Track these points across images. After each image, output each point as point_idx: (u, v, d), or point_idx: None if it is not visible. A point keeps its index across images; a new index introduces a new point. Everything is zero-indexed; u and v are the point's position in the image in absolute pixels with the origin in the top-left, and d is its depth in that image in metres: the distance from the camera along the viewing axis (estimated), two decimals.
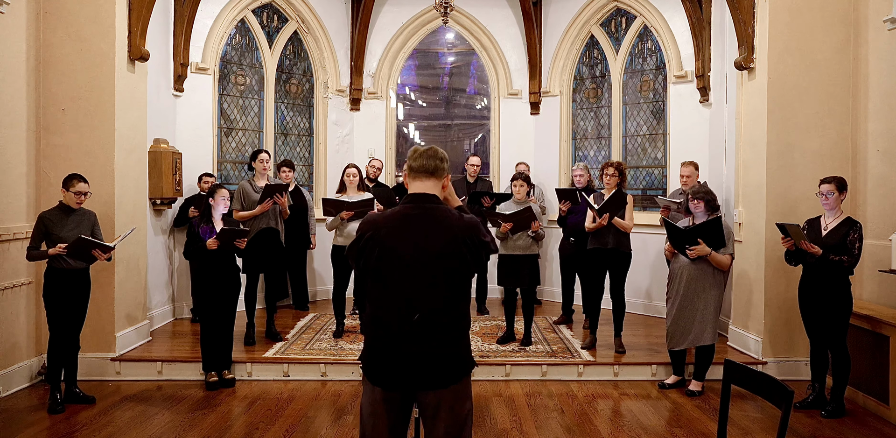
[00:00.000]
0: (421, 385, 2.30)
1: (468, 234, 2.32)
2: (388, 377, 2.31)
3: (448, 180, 2.48)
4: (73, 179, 4.35)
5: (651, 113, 7.44)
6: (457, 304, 2.35)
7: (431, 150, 2.44)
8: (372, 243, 2.32)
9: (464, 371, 2.37)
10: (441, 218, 2.33)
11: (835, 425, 4.18)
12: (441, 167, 2.41)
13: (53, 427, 4.05)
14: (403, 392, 2.33)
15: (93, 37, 5.01)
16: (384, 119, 8.48)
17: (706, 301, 4.65)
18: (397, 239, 2.30)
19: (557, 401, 4.63)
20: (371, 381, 2.36)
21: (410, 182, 2.43)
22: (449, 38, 8.64)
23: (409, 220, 2.33)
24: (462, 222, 2.34)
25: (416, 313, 2.27)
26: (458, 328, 2.36)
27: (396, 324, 2.29)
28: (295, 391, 4.84)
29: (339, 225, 5.70)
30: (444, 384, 2.31)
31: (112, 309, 5.10)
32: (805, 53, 5.08)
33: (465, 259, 2.31)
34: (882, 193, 4.80)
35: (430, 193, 2.39)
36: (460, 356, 2.36)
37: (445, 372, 2.31)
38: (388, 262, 2.30)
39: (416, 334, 2.28)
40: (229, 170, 7.41)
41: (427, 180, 2.41)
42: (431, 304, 2.29)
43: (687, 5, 6.58)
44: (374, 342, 2.36)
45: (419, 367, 2.29)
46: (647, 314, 7.00)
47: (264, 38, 7.62)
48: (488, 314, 7.00)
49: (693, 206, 4.74)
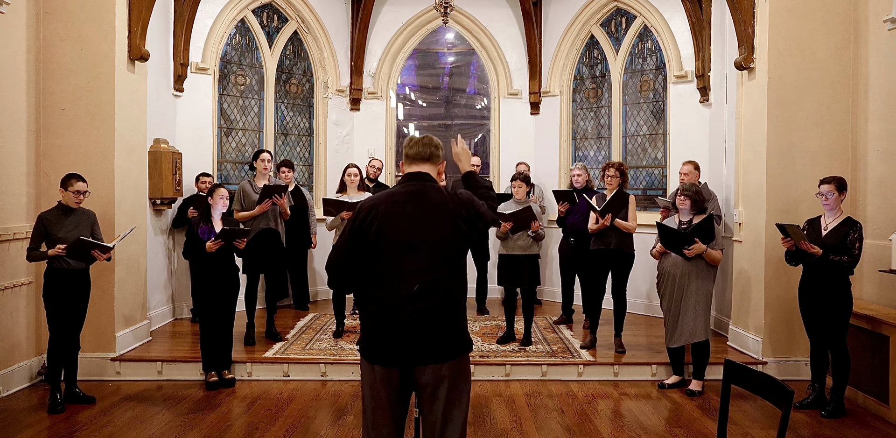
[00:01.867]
0: (419, 359, 2.31)
1: (463, 207, 2.39)
2: (387, 353, 2.32)
3: (444, 166, 2.56)
4: (72, 178, 4.35)
5: (651, 113, 7.43)
6: (454, 277, 2.39)
7: (427, 138, 2.53)
8: (370, 221, 2.37)
9: (462, 347, 2.39)
10: (435, 194, 2.40)
11: (835, 425, 4.18)
12: (436, 154, 2.49)
13: (53, 428, 4.05)
14: (402, 367, 2.33)
15: (93, 37, 5.01)
16: (384, 119, 8.49)
17: (698, 298, 4.67)
18: (394, 215, 2.36)
19: (557, 401, 4.63)
20: (369, 360, 2.36)
21: (407, 168, 2.50)
22: (449, 38, 8.64)
23: (405, 197, 2.40)
24: (456, 197, 2.42)
25: (414, 285, 2.31)
26: (455, 302, 2.39)
27: (394, 299, 2.32)
28: (295, 391, 4.83)
29: (339, 225, 5.69)
30: (442, 358, 2.32)
31: (112, 309, 5.10)
32: (805, 53, 5.08)
33: (460, 232, 2.37)
34: (882, 193, 4.80)
35: (425, 172, 2.47)
36: (458, 330, 2.39)
37: (444, 346, 2.33)
38: (385, 238, 2.35)
39: (414, 307, 2.30)
40: (229, 170, 7.41)
41: (423, 164, 2.48)
42: (429, 277, 2.32)
43: (687, 5, 6.58)
44: (372, 320, 2.38)
45: (417, 341, 2.30)
46: (647, 314, 7.01)
47: (264, 38, 7.62)
48: (488, 313, 6.99)
49: (679, 202, 4.76)
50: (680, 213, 4.81)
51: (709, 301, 4.74)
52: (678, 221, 4.82)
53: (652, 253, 4.94)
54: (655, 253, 4.89)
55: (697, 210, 4.77)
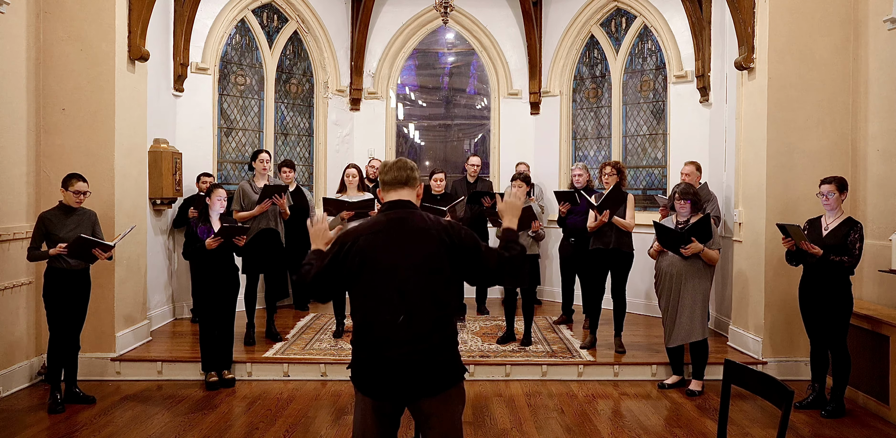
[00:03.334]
0: (411, 396, 2.26)
1: (445, 232, 2.31)
2: (377, 387, 2.27)
3: (421, 188, 2.50)
4: (72, 178, 4.35)
5: (651, 113, 7.43)
6: (440, 303, 2.29)
7: (400, 161, 2.47)
8: (353, 252, 2.30)
9: (455, 377, 2.32)
10: (418, 221, 2.34)
11: (835, 425, 4.18)
12: (413, 176, 2.44)
13: (53, 428, 4.05)
14: (393, 401, 2.29)
15: (93, 37, 5.01)
16: (384, 119, 8.48)
17: (694, 297, 4.67)
18: (377, 245, 2.29)
19: (557, 401, 4.63)
20: (360, 390, 2.32)
21: (385, 195, 2.45)
22: (449, 38, 8.64)
23: (388, 225, 2.33)
24: (438, 223, 2.34)
25: (399, 316, 2.24)
26: (444, 332, 2.30)
27: (382, 328, 2.26)
28: (295, 391, 4.83)
29: (339, 225, 5.69)
30: (432, 392, 2.26)
31: (112, 309, 5.10)
32: (805, 53, 5.08)
33: (444, 261, 2.29)
34: (882, 193, 4.80)
35: (405, 199, 2.41)
36: (448, 361, 2.30)
37: (435, 380, 2.26)
38: (369, 268, 2.28)
39: (401, 339, 2.24)
40: (229, 170, 7.41)
41: (401, 189, 2.43)
42: (414, 305, 2.25)
43: (687, 5, 6.58)
44: (361, 351, 2.31)
45: (406, 376, 2.23)
46: (647, 314, 7.00)
47: (264, 38, 7.62)
48: (488, 314, 6.99)
49: (679, 206, 4.76)
50: (678, 215, 4.82)
51: (706, 301, 4.74)
52: (676, 220, 4.82)
53: (649, 252, 4.94)
54: (653, 252, 4.90)
55: (696, 211, 4.78)
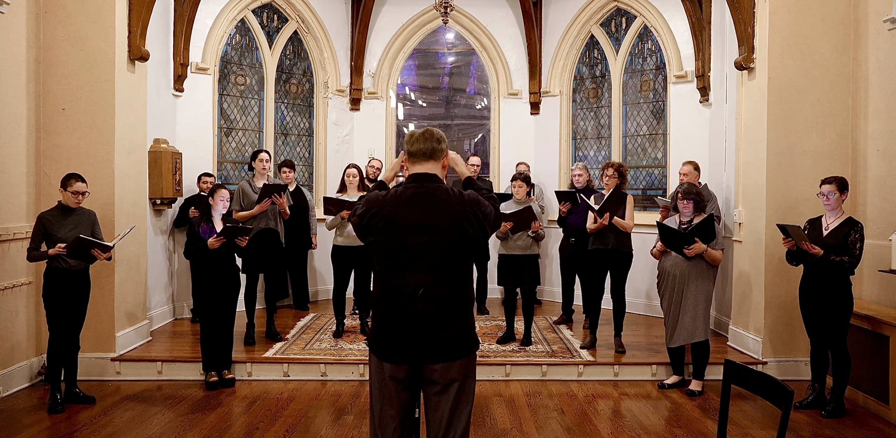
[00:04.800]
0: (429, 358, 2.34)
1: (469, 208, 2.38)
2: (397, 351, 2.35)
3: (448, 160, 2.53)
4: (71, 178, 4.35)
5: (651, 113, 7.43)
6: (459, 278, 2.40)
7: (428, 132, 2.49)
8: (376, 219, 2.38)
9: (470, 346, 2.41)
10: (442, 196, 2.39)
11: (835, 425, 4.18)
12: (439, 149, 2.47)
13: (53, 427, 4.05)
14: (411, 365, 2.36)
15: (93, 37, 5.01)
16: (384, 119, 8.49)
17: (697, 297, 4.67)
18: (400, 217, 2.36)
19: (557, 401, 4.63)
20: (379, 357, 2.40)
21: (410, 166, 2.49)
22: (449, 38, 8.64)
23: (412, 198, 2.39)
24: (462, 199, 2.41)
25: (420, 288, 2.33)
26: (461, 302, 2.41)
27: (402, 299, 2.35)
28: (295, 391, 4.83)
29: (339, 224, 5.69)
30: (452, 357, 2.35)
31: (112, 309, 5.10)
32: (805, 53, 5.08)
33: (466, 234, 2.37)
34: (882, 193, 4.80)
35: (430, 172, 2.45)
36: (465, 330, 2.41)
37: (452, 345, 2.36)
38: (392, 239, 2.36)
39: (422, 307, 2.33)
40: (229, 170, 7.41)
41: (426, 162, 2.46)
42: (435, 278, 2.34)
43: (687, 5, 6.58)
44: (382, 317, 2.41)
45: (426, 341, 2.33)
46: (647, 314, 7.01)
47: (264, 38, 7.62)
48: (488, 314, 6.99)
49: (682, 206, 4.75)
50: (681, 215, 4.81)
51: (708, 301, 4.74)
52: (678, 221, 4.82)
53: (652, 252, 4.94)
54: (656, 252, 4.90)
55: (699, 211, 4.77)
